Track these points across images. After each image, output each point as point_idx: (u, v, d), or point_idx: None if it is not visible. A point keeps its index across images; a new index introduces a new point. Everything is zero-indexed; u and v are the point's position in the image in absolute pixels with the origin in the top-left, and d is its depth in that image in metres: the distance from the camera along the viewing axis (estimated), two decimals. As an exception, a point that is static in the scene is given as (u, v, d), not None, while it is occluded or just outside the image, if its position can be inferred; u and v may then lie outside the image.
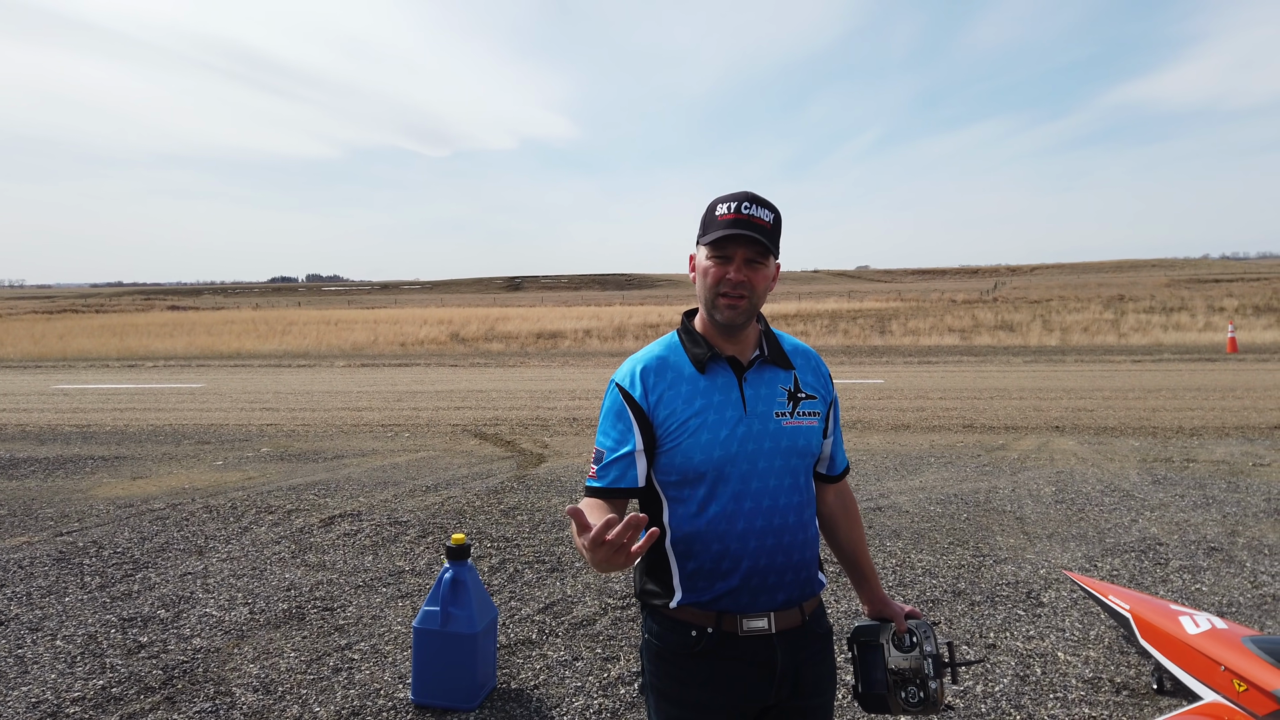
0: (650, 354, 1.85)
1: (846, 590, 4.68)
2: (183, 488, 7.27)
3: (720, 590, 1.75)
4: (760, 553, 1.75)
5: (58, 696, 3.52)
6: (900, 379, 14.99)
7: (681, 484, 1.77)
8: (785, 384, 1.84)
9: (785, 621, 1.78)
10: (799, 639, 1.80)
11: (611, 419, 1.80)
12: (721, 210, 1.74)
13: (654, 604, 1.83)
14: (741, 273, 1.73)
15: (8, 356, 23.07)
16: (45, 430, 10.57)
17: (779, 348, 1.89)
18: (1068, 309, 36.26)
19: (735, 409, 1.77)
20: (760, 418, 1.77)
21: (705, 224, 1.78)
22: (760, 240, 1.71)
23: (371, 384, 15.67)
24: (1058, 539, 5.55)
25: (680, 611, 1.78)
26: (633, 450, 1.76)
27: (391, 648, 4.01)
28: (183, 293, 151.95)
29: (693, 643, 1.76)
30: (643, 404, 1.77)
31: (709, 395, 1.77)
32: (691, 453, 1.73)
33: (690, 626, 1.77)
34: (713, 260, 1.75)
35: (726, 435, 1.74)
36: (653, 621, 1.85)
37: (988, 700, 3.47)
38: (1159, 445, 8.59)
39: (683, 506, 1.78)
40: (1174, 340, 21.84)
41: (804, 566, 1.81)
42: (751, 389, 1.80)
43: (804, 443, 1.81)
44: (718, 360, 1.80)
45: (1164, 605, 3.37)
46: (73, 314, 56.07)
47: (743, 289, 1.73)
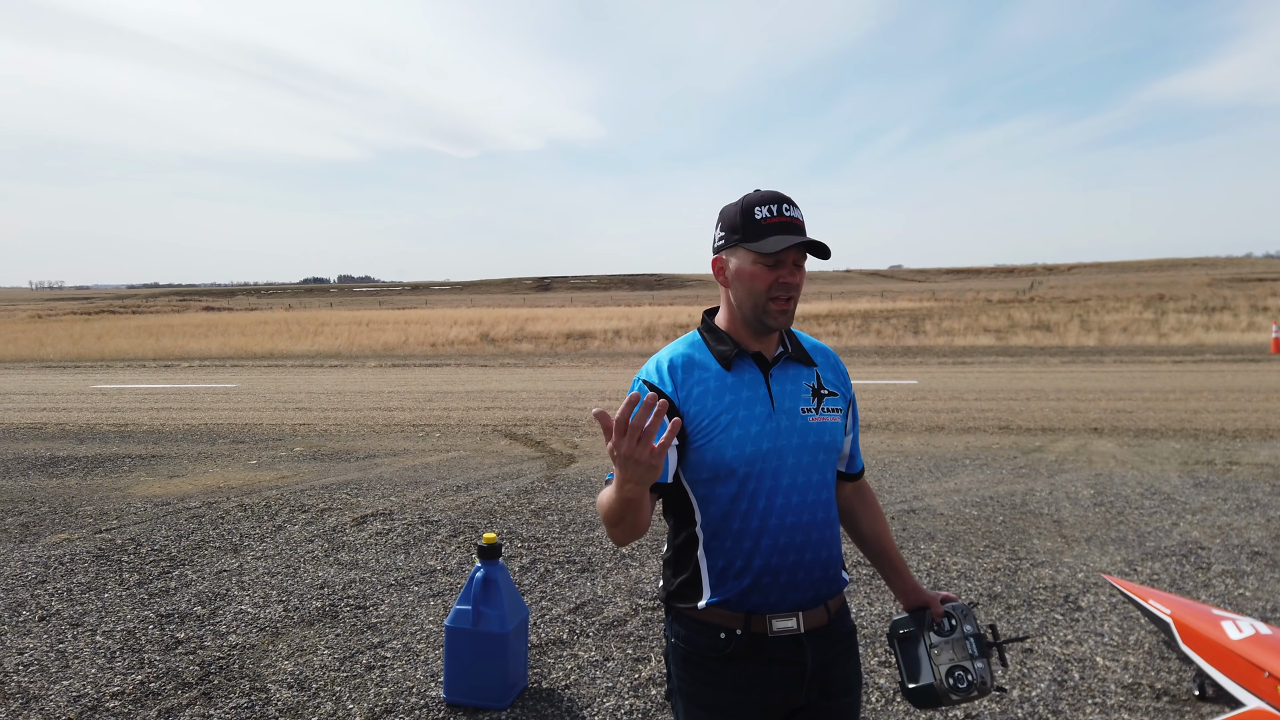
0: (676, 351, 1.84)
1: (878, 592, 4.63)
2: (218, 486, 7.37)
3: (748, 587, 1.74)
4: (790, 549, 1.75)
5: (98, 691, 3.58)
6: (934, 380, 14.84)
7: (713, 481, 1.75)
8: (809, 380, 1.84)
9: (813, 620, 1.77)
10: (826, 638, 1.79)
11: None
12: (763, 214, 1.72)
13: (681, 606, 1.81)
14: (796, 275, 1.74)
15: (48, 357, 23.54)
16: (84, 429, 10.76)
17: (800, 345, 1.89)
18: (1106, 309, 35.73)
19: (764, 405, 1.76)
20: (788, 414, 1.77)
21: (743, 228, 1.75)
22: (817, 242, 1.72)
23: (402, 384, 15.79)
24: (1096, 542, 5.45)
25: (708, 613, 1.76)
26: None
27: (423, 646, 4.03)
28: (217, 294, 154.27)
29: (722, 645, 1.74)
30: (674, 398, 1.75)
31: (738, 391, 1.76)
32: (724, 449, 1.72)
33: (719, 629, 1.75)
34: (760, 265, 1.73)
35: (758, 431, 1.73)
36: (679, 625, 1.83)
37: (1024, 705, 3.42)
38: (1200, 447, 8.43)
39: (714, 505, 1.76)
40: (1216, 340, 21.44)
41: (831, 564, 1.81)
42: (778, 385, 1.79)
43: (830, 439, 1.82)
44: (744, 357, 1.79)
45: (1206, 610, 3.30)
46: (110, 315, 57.11)
47: (793, 291, 1.75)
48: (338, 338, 27.83)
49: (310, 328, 32.65)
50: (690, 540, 1.81)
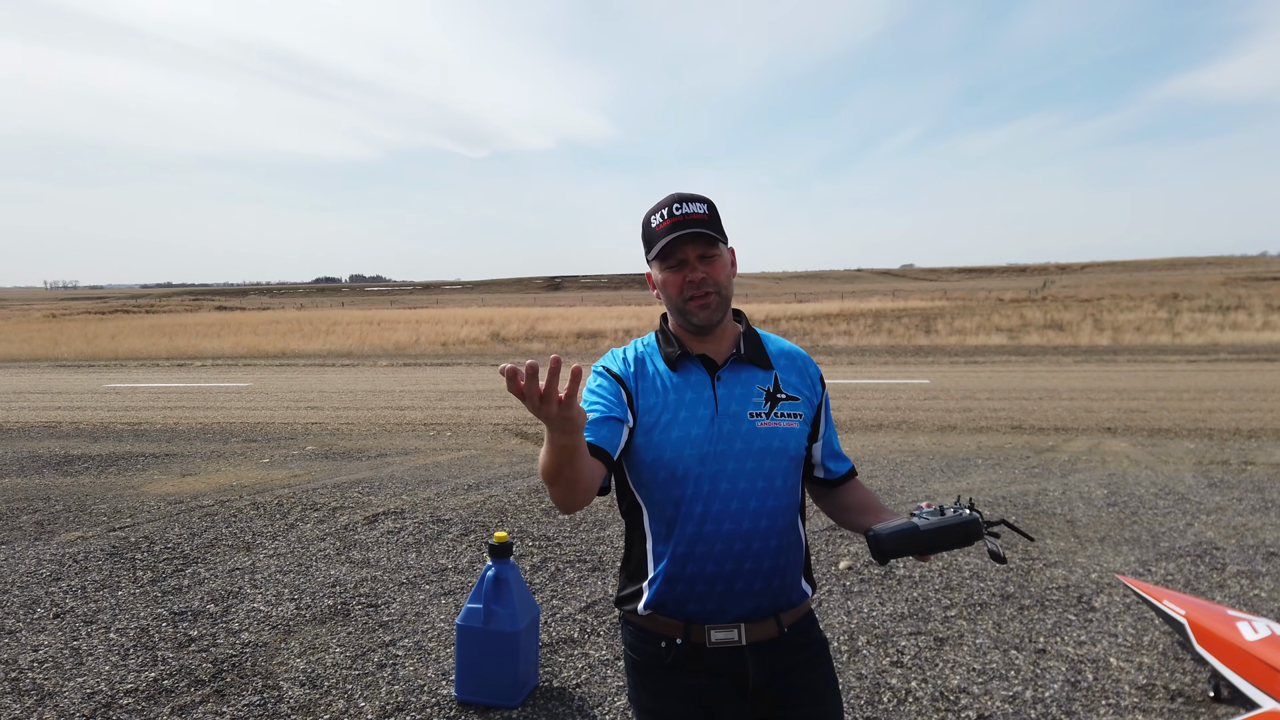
0: (630, 347, 1.87)
1: (889, 591, 4.61)
2: (231, 485, 7.40)
3: (684, 594, 1.72)
4: (727, 557, 1.71)
5: (111, 688, 3.60)
6: (946, 379, 14.78)
7: (653, 482, 1.74)
8: (763, 384, 1.79)
9: (759, 633, 1.73)
10: (776, 651, 1.75)
11: (599, 392, 1.76)
12: (656, 220, 1.74)
13: (627, 610, 1.81)
14: (699, 270, 1.71)
15: (62, 356, 23.70)
16: (98, 428, 10.82)
17: (759, 348, 1.84)
18: (1119, 308, 35.53)
19: (707, 408, 1.74)
20: (733, 418, 1.74)
21: (647, 240, 1.77)
22: (705, 232, 1.69)
23: (414, 383, 15.83)
24: (1110, 542, 5.42)
25: (650, 620, 1.77)
26: (623, 419, 1.72)
27: (435, 644, 4.04)
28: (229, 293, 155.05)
29: (663, 654, 1.74)
30: (630, 385, 1.77)
31: (681, 393, 1.75)
32: (663, 449, 1.71)
33: (660, 637, 1.75)
34: (668, 271, 1.74)
35: (699, 434, 1.71)
36: (627, 631, 1.84)
37: (1038, 706, 3.40)
38: (1215, 447, 8.37)
39: (655, 507, 1.76)
40: (1231, 340, 21.28)
41: (776, 574, 1.75)
42: (725, 388, 1.76)
43: (779, 444, 1.75)
44: (689, 359, 1.78)
45: (1221, 611, 3.29)
46: (124, 314, 57.46)
47: (707, 285, 1.71)
48: (349, 337, 27.92)
49: (322, 327, 32.77)
50: (638, 540, 1.81)
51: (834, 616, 4.31)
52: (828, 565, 5.05)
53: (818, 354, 20.34)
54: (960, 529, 1.60)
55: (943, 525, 1.59)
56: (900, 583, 4.76)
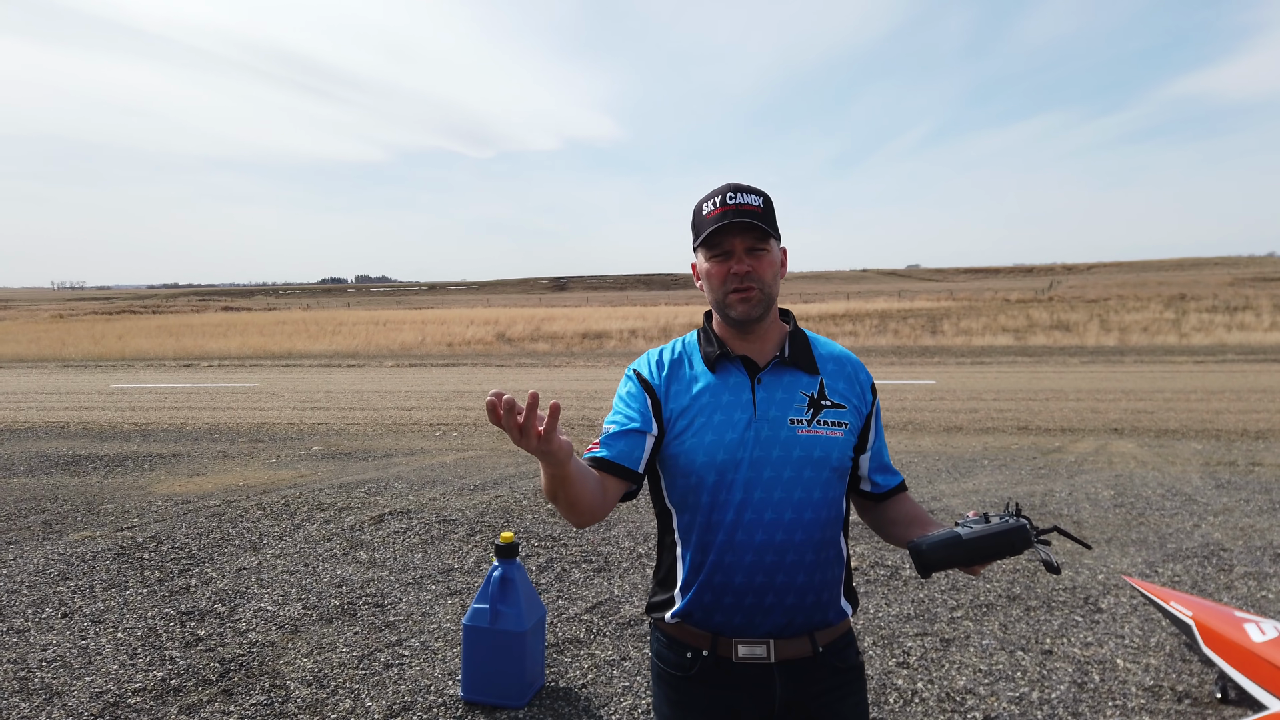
0: (669, 347, 1.80)
1: (895, 593, 4.61)
2: (237, 485, 7.42)
3: (712, 605, 1.66)
4: (758, 569, 1.63)
5: (120, 687, 3.61)
6: (952, 380, 14.76)
7: (685, 487, 1.68)
8: (808, 389, 1.70)
9: (790, 651, 1.65)
10: (807, 672, 1.66)
11: (625, 400, 1.73)
12: (708, 208, 1.67)
13: (656, 617, 1.76)
14: (744, 263, 1.64)
15: (70, 356, 23.78)
16: (106, 428, 10.86)
17: (806, 351, 1.75)
18: (1126, 308, 35.44)
19: (745, 411, 1.66)
20: (771, 423, 1.65)
21: (696, 228, 1.70)
22: (756, 224, 1.62)
23: (419, 384, 15.86)
24: (1117, 543, 5.41)
25: (678, 629, 1.71)
26: (645, 430, 1.68)
27: (441, 644, 4.04)
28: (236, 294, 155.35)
29: (688, 665, 1.68)
30: (659, 391, 1.71)
31: (718, 395, 1.68)
32: (694, 453, 1.65)
33: (686, 647, 1.70)
34: (713, 260, 1.67)
35: (733, 439, 1.64)
36: (655, 639, 1.79)
37: (1044, 707, 3.40)
38: (1223, 448, 8.34)
39: (686, 512, 1.70)
40: (1238, 340, 21.22)
41: (811, 590, 1.66)
42: (765, 392, 1.68)
43: (821, 454, 1.65)
44: (729, 359, 1.71)
45: (1228, 612, 3.28)
46: (131, 315, 57.63)
47: (750, 280, 1.64)
48: (355, 338, 27.98)
49: (328, 328, 32.84)
50: (669, 545, 1.76)
51: (840, 617, 4.31)
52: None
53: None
54: (1006, 537, 1.50)
55: (987, 533, 1.50)
56: (906, 584, 4.76)
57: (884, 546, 5.28)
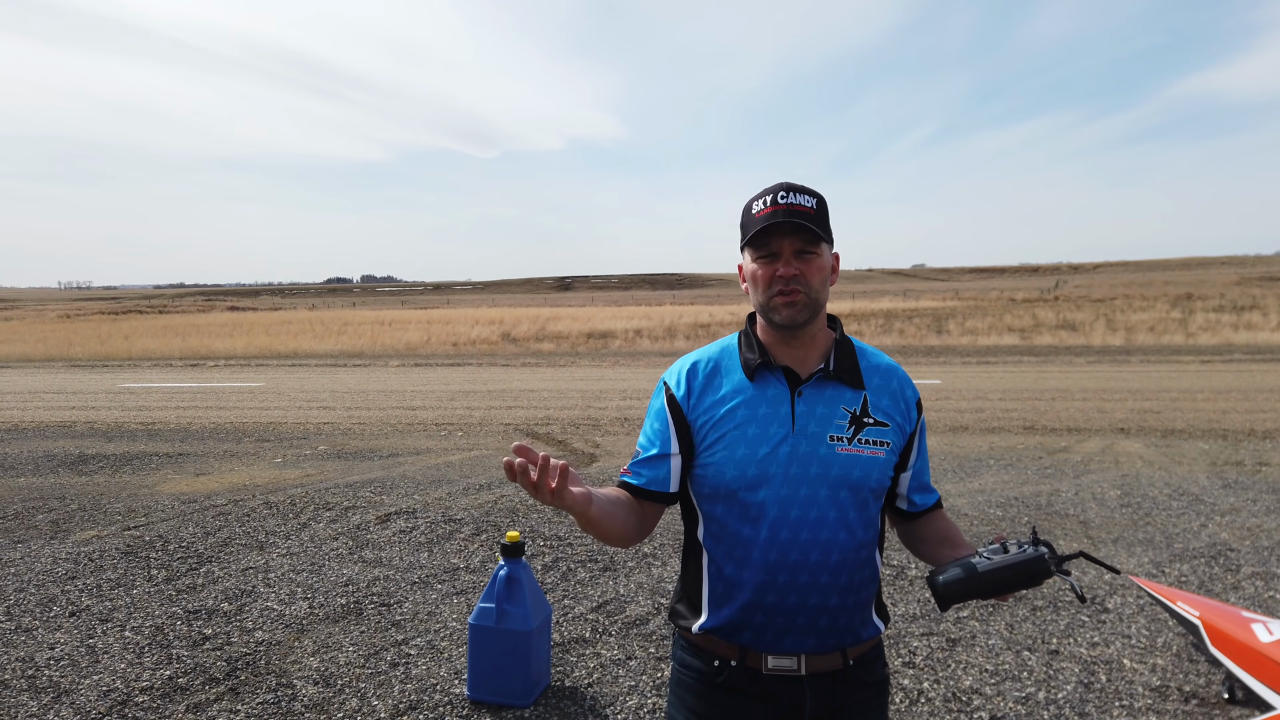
0: (704, 354, 1.72)
1: (900, 591, 4.60)
2: (244, 484, 7.44)
3: (741, 622, 1.60)
4: (790, 590, 1.57)
5: (127, 685, 3.62)
6: (958, 379, 14.74)
7: (713, 499, 1.62)
8: (850, 405, 1.62)
9: (821, 664, 1.60)
10: (839, 684, 1.62)
11: (652, 418, 1.69)
12: (758, 206, 1.59)
13: (681, 625, 1.71)
14: (792, 266, 1.56)
15: (77, 356, 23.85)
16: (113, 427, 10.89)
17: (853, 363, 1.67)
18: (1133, 308, 35.34)
19: (782, 425, 1.58)
20: (810, 439, 1.58)
21: (744, 226, 1.63)
22: (807, 226, 1.55)
23: (425, 384, 15.87)
24: (1123, 543, 5.40)
25: (704, 639, 1.65)
26: (667, 453, 1.64)
27: (447, 644, 4.05)
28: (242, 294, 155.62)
29: (714, 673, 1.63)
30: (684, 405, 1.64)
31: (754, 407, 1.60)
32: (725, 466, 1.58)
33: (713, 656, 1.64)
34: (759, 261, 1.60)
35: (766, 454, 1.57)
36: (679, 648, 1.74)
37: (1051, 707, 3.39)
38: (1229, 448, 8.32)
39: (714, 524, 1.63)
40: (1245, 340, 21.16)
41: (844, 612, 1.61)
42: (805, 405, 1.60)
43: (860, 475, 1.58)
44: (770, 369, 1.63)
45: (1235, 612, 3.27)
46: (137, 315, 57.77)
47: (796, 284, 1.56)
48: (361, 337, 28.02)
49: (334, 327, 32.89)
50: (695, 556, 1.70)
51: (845, 617, 4.30)
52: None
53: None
54: (1024, 568, 1.43)
55: (1004, 565, 1.44)
56: (912, 583, 4.75)
57: (889, 546, 5.27)
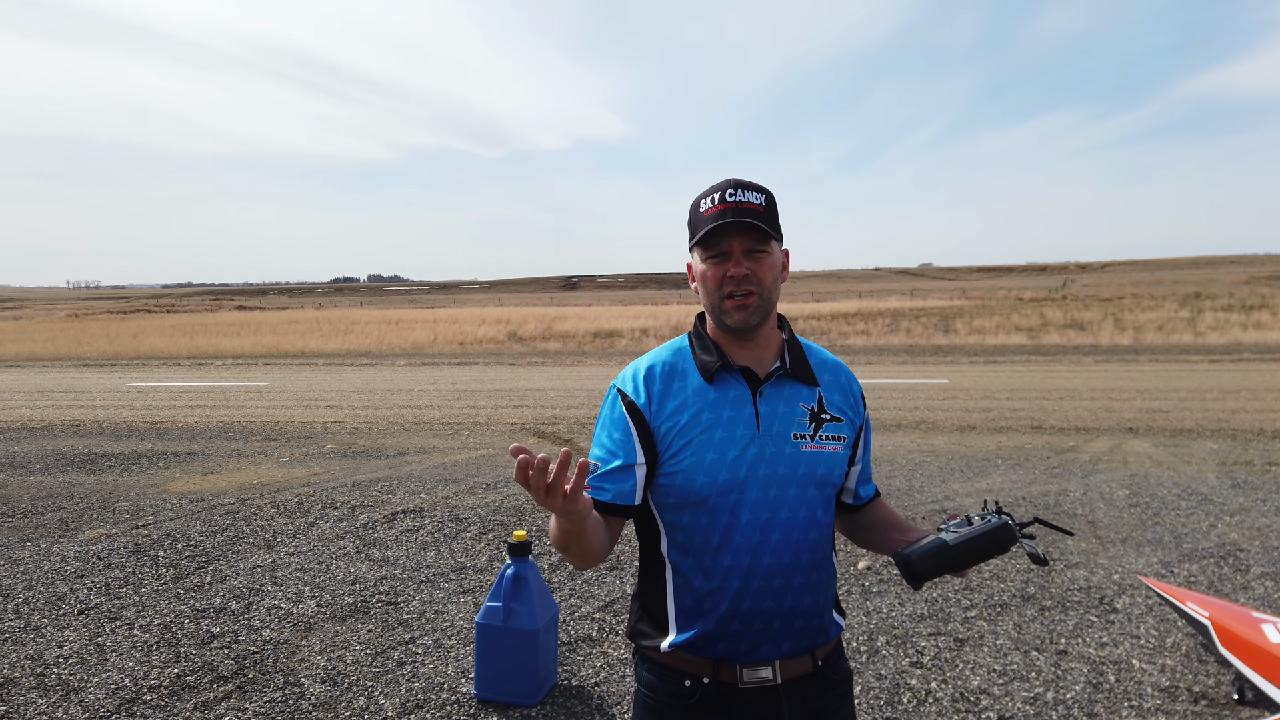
0: (657, 357, 1.66)
1: (909, 591, 4.59)
2: (251, 483, 7.46)
3: (716, 634, 1.56)
4: (766, 594, 1.55)
5: (135, 684, 3.63)
6: (965, 379, 14.70)
7: (681, 508, 1.57)
8: (808, 402, 1.61)
9: (794, 669, 1.58)
10: (810, 687, 1.60)
11: (609, 427, 1.61)
12: (705, 205, 1.55)
13: (645, 645, 1.64)
14: (743, 265, 1.53)
15: (85, 355, 23.94)
16: (121, 426, 10.93)
17: (804, 360, 1.66)
18: (1141, 307, 35.21)
19: (747, 428, 1.55)
20: (776, 439, 1.56)
21: (692, 225, 1.59)
22: (756, 225, 1.51)
23: (431, 382, 15.89)
24: (1132, 543, 5.38)
25: (673, 657, 1.59)
26: (632, 464, 1.56)
27: (454, 642, 4.05)
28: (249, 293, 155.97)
29: (686, 694, 1.57)
30: (645, 413, 1.58)
31: (718, 410, 1.56)
32: (694, 474, 1.53)
33: (684, 675, 1.58)
34: (709, 261, 1.56)
35: (735, 457, 1.53)
36: (643, 669, 1.66)
37: (1059, 708, 3.38)
38: (1239, 448, 8.28)
39: (681, 534, 1.58)
40: (1254, 339, 21.05)
41: (816, 613, 1.60)
42: (767, 405, 1.58)
43: (824, 471, 1.59)
44: (729, 371, 1.59)
45: (1245, 612, 3.25)
46: (145, 314, 57.94)
47: (749, 284, 1.53)
48: (368, 336, 28.07)
49: (340, 326, 32.95)
50: (657, 571, 1.63)
51: (853, 617, 4.30)
52: (846, 565, 5.03)
53: (836, 353, 20.27)
54: (992, 537, 1.48)
55: (973, 536, 1.48)
56: (919, 583, 4.74)
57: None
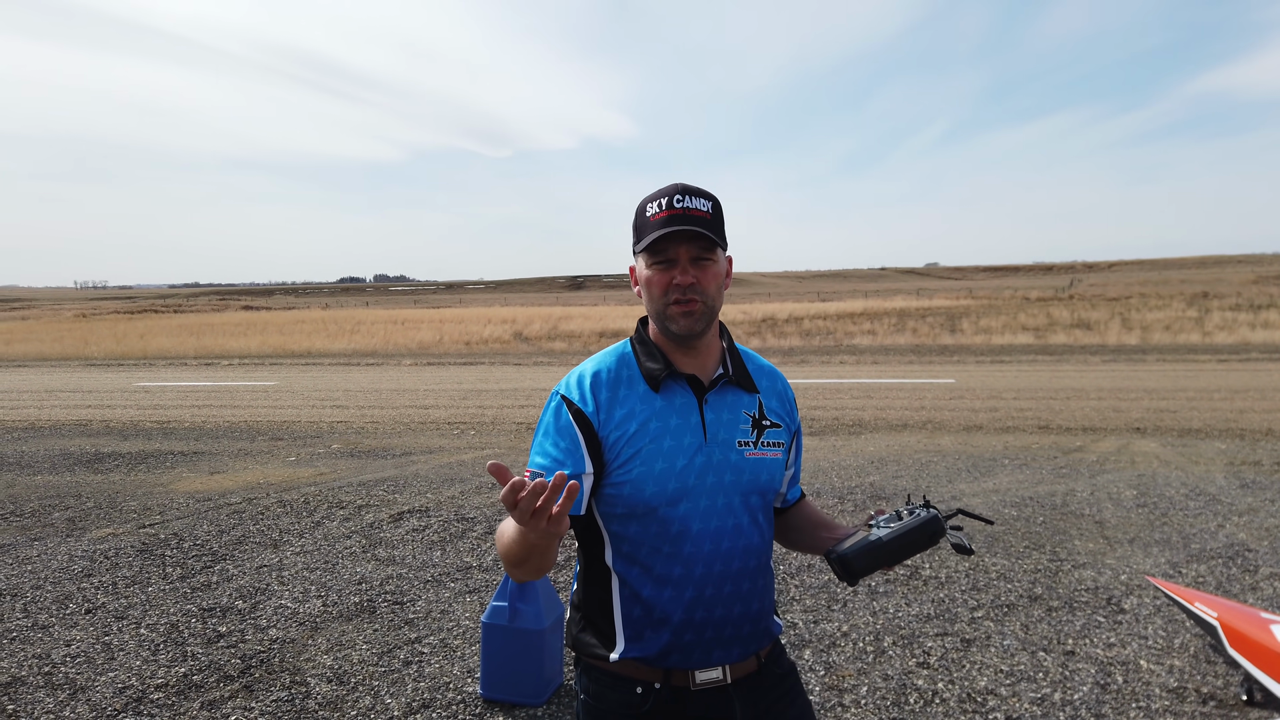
0: (601, 364, 1.64)
1: (915, 591, 4.58)
2: (258, 483, 7.47)
3: (668, 644, 1.55)
4: (716, 602, 1.55)
5: (142, 683, 3.64)
6: (972, 378, 14.67)
7: (628, 518, 1.55)
8: (749, 409, 1.63)
9: (741, 670, 1.60)
10: (757, 685, 1.61)
11: (554, 435, 1.56)
12: (652, 210, 1.54)
13: (592, 657, 1.61)
14: (689, 273, 1.52)
15: (92, 355, 24.03)
16: (128, 426, 10.96)
17: (743, 367, 1.67)
18: (1148, 306, 35.09)
19: (694, 435, 1.56)
20: (721, 446, 1.57)
21: (638, 229, 1.57)
22: (703, 233, 1.51)
23: (437, 382, 15.91)
24: (1140, 544, 5.36)
25: (622, 666, 1.57)
26: (580, 473, 1.52)
27: (460, 642, 4.06)
28: (255, 293, 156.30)
29: (639, 700, 1.55)
30: (594, 421, 1.55)
31: (665, 418, 1.56)
32: (643, 483, 1.52)
33: (634, 682, 1.56)
34: (655, 268, 1.54)
35: (684, 466, 1.53)
36: (588, 679, 1.63)
37: (1067, 708, 3.37)
38: (1247, 448, 8.25)
39: (628, 545, 1.57)
40: (1262, 339, 20.95)
41: (762, 616, 1.62)
42: (713, 413, 1.59)
43: (766, 477, 1.61)
44: (675, 379, 1.59)
45: (1254, 613, 3.23)
46: (153, 314, 58.11)
47: (693, 292, 1.52)
48: (374, 336, 28.11)
49: (347, 326, 33.01)
50: (602, 581, 1.61)
51: (859, 617, 4.29)
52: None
53: (841, 353, 20.26)
54: (923, 530, 1.49)
55: (904, 530, 1.49)
56: (926, 583, 4.73)
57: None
